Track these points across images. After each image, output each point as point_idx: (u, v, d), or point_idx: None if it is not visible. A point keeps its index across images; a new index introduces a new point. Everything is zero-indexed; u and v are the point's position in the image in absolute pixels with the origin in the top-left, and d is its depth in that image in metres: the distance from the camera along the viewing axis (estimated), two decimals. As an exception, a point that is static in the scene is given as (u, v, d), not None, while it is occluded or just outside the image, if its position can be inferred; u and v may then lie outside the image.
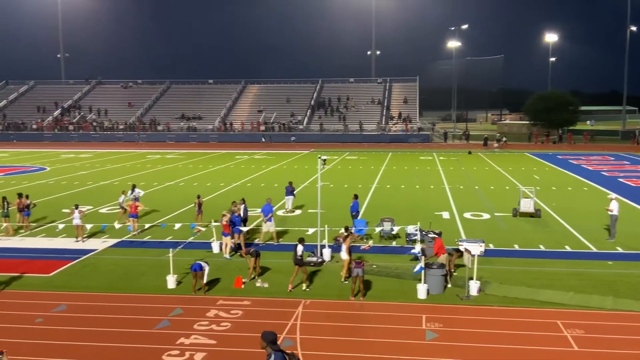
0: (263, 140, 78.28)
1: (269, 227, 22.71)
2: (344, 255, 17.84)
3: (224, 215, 20.74)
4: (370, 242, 21.40)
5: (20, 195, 24.95)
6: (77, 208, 23.00)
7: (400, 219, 24.88)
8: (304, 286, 17.01)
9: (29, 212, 24.64)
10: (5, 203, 24.65)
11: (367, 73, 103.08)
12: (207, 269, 16.75)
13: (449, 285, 17.11)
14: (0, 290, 16.97)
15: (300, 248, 17.32)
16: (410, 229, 21.99)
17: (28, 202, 24.70)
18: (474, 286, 16.43)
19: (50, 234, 23.96)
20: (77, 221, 22.66)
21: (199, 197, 25.42)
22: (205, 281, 16.78)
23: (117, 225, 23.25)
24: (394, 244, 22.40)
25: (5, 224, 24.43)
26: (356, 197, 24.53)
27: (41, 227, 25.18)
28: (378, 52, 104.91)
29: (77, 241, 22.66)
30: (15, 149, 69.15)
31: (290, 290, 16.78)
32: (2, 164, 52.65)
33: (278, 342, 8.36)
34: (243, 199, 24.20)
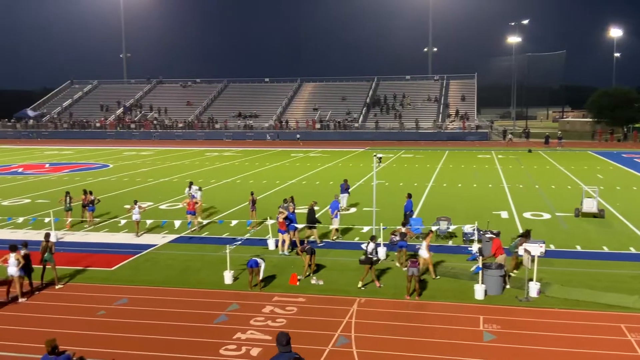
0: (298, 138, 78.68)
1: (334, 223, 22.83)
2: (424, 253, 17.69)
3: (280, 212, 20.89)
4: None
5: (85, 192, 25.86)
6: (136, 204, 23.67)
7: (457, 218, 24.52)
8: (377, 284, 16.94)
9: (93, 207, 25.50)
10: (68, 198, 25.65)
11: (424, 70, 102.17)
12: (262, 265, 16.92)
13: (508, 286, 16.75)
14: (65, 282, 17.63)
15: (371, 246, 17.25)
16: (468, 228, 21.65)
17: (92, 198, 25.56)
18: (533, 288, 16.02)
19: (113, 229, 24.73)
20: (136, 216, 23.33)
21: (252, 194, 25.72)
22: (261, 277, 16.96)
23: (198, 220, 24.35)
24: (450, 243, 22.09)
25: (69, 219, 25.40)
26: (410, 196, 24.28)
27: (104, 222, 26.00)
28: (435, 49, 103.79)
29: (138, 236, 23.32)
30: (79, 146, 71.66)
31: (359, 286, 16.77)
32: (68, 161, 54.69)
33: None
34: (292, 197, 24.32)
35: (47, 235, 17.69)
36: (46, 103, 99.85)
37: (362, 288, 16.82)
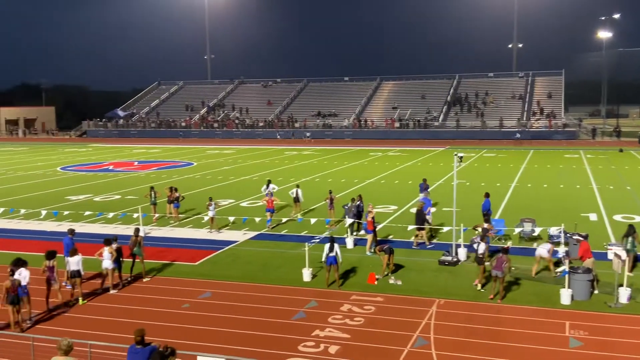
0: (307, 136, 78.67)
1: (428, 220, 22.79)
2: (544, 252, 17.63)
3: (369, 211, 20.79)
4: (509, 243, 20.58)
5: (171, 189, 26.84)
6: (211, 201, 24.35)
7: (542, 219, 23.71)
8: (479, 286, 16.67)
9: (178, 204, 26.41)
10: (153, 192, 26.79)
11: (508, 67, 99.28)
12: (337, 262, 16.96)
13: (596, 292, 16.03)
14: (152, 276, 18.36)
15: (482, 247, 16.97)
16: (553, 230, 20.89)
17: (177, 194, 26.48)
18: (624, 294, 15.26)
19: (197, 225, 25.51)
20: (211, 213, 24.00)
21: (330, 192, 25.84)
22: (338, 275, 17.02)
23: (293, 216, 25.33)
24: (534, 245, 21.35)
25: (156, 214, 26.44)
26: (487, 195, 23.63)
27: (188, 219, 26.87)
28: (520, 45, 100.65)
29: (211, 232, 23.96)
30: (166, 144, 74.37)
31: (479, 288, 16.56)
32: (155, 158, 56.91)
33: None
34: (359, 196, 24.27)
35: (137, 230, 18.47)
36: (135, 103, 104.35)
37: (482, 290, 16.46)
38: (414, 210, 28.21)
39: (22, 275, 14.36)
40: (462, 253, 19.57)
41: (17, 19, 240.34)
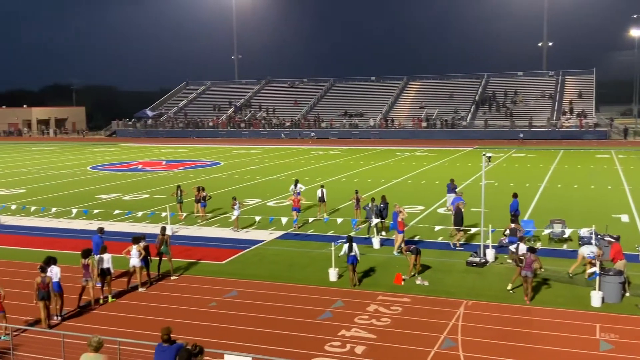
0: (312, 136, 78.06)
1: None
2: (587, 251, 17.28)
3: (400, 211, 20.67)
4: (539, 245, 20.32)
5: (198, 188, 27.06)
6: (235, 200, 24.47)
7: (572, 220, 23.34)
8: (509, 286, 16.47)
9: (205, 203, 26.60)
10: (179, 191, 27.05)
11: (538, 66, 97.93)
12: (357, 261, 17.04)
13: (627, 294, 15.71)
14: (180, 274, 18.52)
15: (522, 247, 16.78)
16: (584, 232, 20.54)
17: (204, 194, 26.67)
18: (657, 297, 14.92)
19: (224, 224, 25.66)
20: (236, 212, 24.12)
21: (357, 192, 25.77)
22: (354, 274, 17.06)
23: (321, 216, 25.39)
24: (564, 247, 21.05)
25: (183, 214, 26.68)
26: (515, 195, 23.32)
27: (215, 218, 27.05)
28: (550, 43, 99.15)
29: (236, 231, 24.10)
30: (193, 144, 75.02)
31: (509, 289, 16.35)
32: (182, 158, 57.44)
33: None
34: (383, 196, 24.18)
35: (163, 229, 18.65)
36: (163, 103, 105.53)
37: (512, 292, 16.25)
38: (441, 210, 28.06)
39: (53, 272, 14.62)
40: (490, 254, 19.35)
41: (49, 21, 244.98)
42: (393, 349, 12.90)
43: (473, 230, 22.20)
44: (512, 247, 17.88)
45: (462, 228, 21.15)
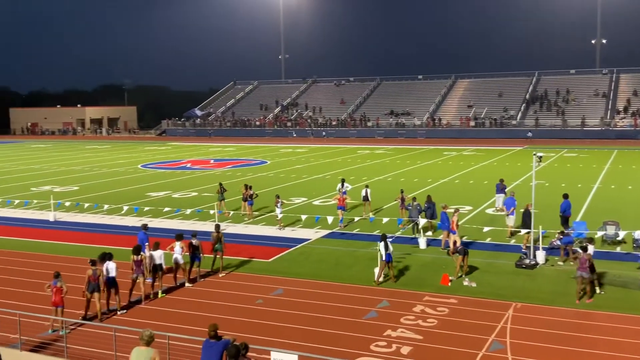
0: (324, 135, 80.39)
1: (509, 222, 22.35)
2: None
3: (456, 211, 20.42)
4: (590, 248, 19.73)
5: (245, 187, 27.36)
6: (278, 198, 24.60)
7: (626, 222, 22.63)
8: (598, 290, 15.90)
9: (252, 201, 26.87)
10: (221, 189, 27.32)
11: (591, 63, 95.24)
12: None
13: (686, 300, 15.13)
14: (228, 272, 18.74)
15: (591, 248, 16.33)
16: (639, 234, 19.88)
17: (251, 192, 26.94)
18: None
19: (270, 223, 25.84)
20: (279, 210, 24.27)
21: (402, 192, 25.60)
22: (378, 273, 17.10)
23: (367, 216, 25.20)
24: (618, 249, 20.42)
25: (229, 212, 27.00)
26: (566, 196, 22.69)
27: (262, 216, 27.29)
28: (604, 40, 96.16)
29: (282, 229, 24.24)
30: (241, 143, 75.83)
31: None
32: (230, 157, 58.16)
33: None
34: (429, 196, 23.94)
35: (218, 227, 18.89)
36: (212, 103, 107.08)
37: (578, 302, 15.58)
38: (490, 210, 27.60)
39: (109, 267, 15.03)
40: (541, 256, 18.92)
41: (102, 22, 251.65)
42: (439, 350, 12.76)
43: (523, 231, 21.78)
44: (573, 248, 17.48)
45: (529, 230, 20.51)
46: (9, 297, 16.39)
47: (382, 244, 17.07)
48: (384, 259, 17.09)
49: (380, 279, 17.25)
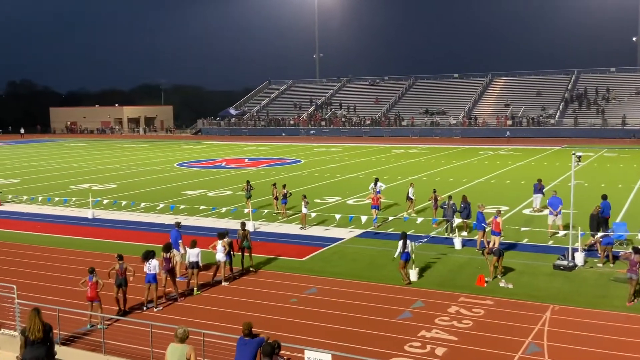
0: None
1: (557, 221, 22.06)
2: None
3: (498, 212, 20.14)
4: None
5: (274, 186, 27.46)
6: (305, 198, 24.61)
7: (669, 224, 21.98)
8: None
9: (285, 200, 26.94)
10: (249, 186, 27.44)
11: (632, 61, 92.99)
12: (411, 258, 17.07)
13: None
14: (257, 270, 18.80)
15: None
16: (683, 236, 19.30)
17: (285, 191, 27.00)
18: None
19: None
20: (304, 210, 24.26)
21: (435, 191, 25.37)
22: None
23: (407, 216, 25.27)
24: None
25: (253, 210, 27.12)
26: (605, 197, 22.14)
27: (296, 215, 27.33)
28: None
29: (303, 228, 24.22)
30: (275, 142, 76.19)
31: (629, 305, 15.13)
32: (264, 156, 58.46)
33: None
34: (464, 196, 23.64)
35: (243, 224, 19.03)
36: (246, 102, 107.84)
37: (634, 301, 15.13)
38: (527, 211, 27.13)
39: (152, 265, 15.30)
40: (579, 257, 18.52)
41: (139, 23, 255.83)
42: (475, 352, 12.59)
43: (561, 232, 21.38)
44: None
45: (596, 233, 19.99)
46: (49, 293, 16.74)
47: (400, 242, 16.97)
48: (396, 255, 16.99)
49: (408, 279, 17.09)
